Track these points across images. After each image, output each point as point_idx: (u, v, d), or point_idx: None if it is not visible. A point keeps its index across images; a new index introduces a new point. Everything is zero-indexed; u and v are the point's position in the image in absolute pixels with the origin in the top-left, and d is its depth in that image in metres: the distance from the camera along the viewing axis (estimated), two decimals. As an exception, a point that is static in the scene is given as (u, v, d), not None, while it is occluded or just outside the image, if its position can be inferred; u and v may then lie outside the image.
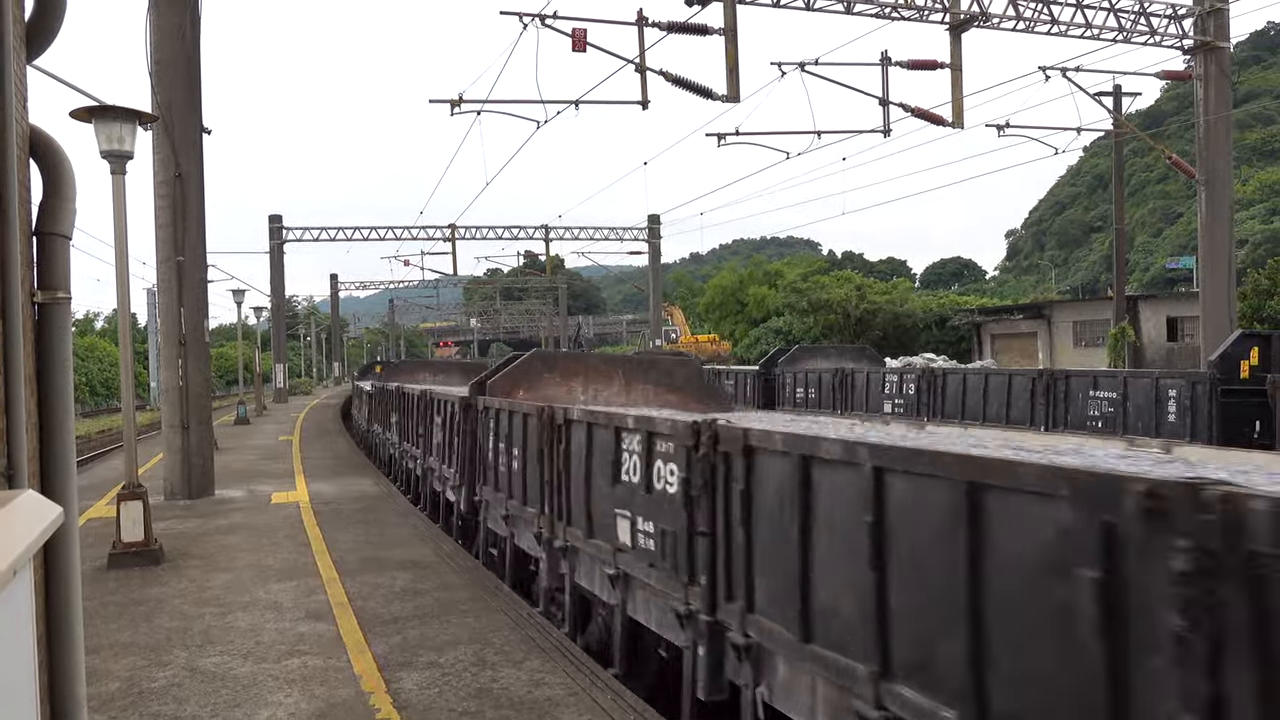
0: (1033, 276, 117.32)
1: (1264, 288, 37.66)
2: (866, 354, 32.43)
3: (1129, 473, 3.05)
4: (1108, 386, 18.01)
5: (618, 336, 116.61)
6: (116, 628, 7.98)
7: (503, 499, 10.38)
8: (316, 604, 8.60)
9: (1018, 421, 19.87)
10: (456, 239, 52.13)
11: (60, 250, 3.08)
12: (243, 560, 10.58)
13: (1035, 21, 23.24)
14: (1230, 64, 26.47)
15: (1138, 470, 3.19)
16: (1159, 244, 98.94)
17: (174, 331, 15.19)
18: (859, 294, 59.74)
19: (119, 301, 10.99)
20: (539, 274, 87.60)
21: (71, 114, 9.67)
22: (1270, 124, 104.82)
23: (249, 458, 21.68)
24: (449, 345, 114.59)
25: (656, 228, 59.14)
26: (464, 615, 8.15)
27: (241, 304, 39.21)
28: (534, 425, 9.06)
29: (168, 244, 15.16)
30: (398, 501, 15.22)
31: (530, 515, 9.24)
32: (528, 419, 9.34)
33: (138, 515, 10.46)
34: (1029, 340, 52.52)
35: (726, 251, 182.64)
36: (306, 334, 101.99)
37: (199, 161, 15.54)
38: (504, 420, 10.35)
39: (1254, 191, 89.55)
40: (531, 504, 9.24)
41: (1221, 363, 16.25)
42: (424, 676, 6.61)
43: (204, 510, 14.18)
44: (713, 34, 19.83)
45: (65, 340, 3.04)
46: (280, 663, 6.96)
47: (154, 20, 14.94)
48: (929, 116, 22.63)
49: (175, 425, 15.17)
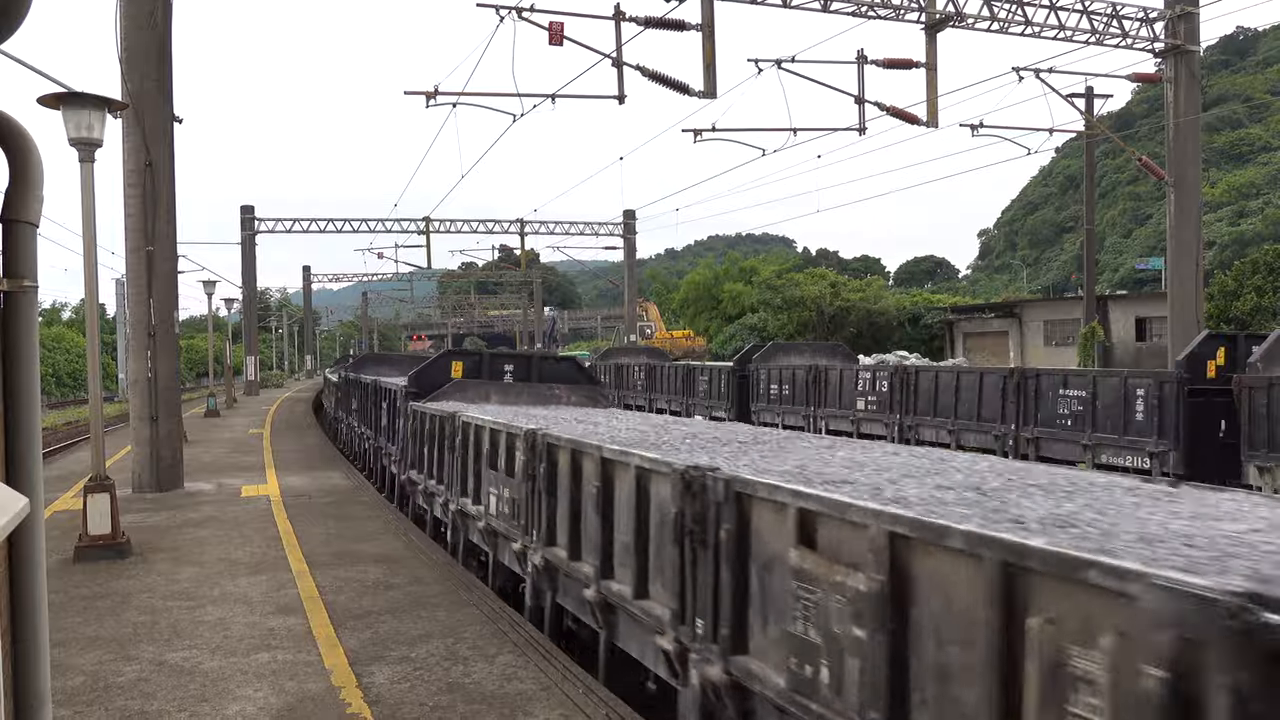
0: (1005, 276, 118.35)
1: (1230, 289, 38.28)
2: (840, 351, 32.57)
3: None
4: (1077, 385, 18.21)
5: (592, 331, 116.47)
6: (82, 621, 7.88)
7: (423, 478, 12.89)
8: (287, 598, 8.54)
9: (989, 419, 20.05)
10: (431, 232, 51.85)
11: (26, 238, 3.02)
12: (212, 554, 10.48)
13: (1009, 22, 23.41)
14: (1200, 68, 26.79)
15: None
16: (1129, 245, 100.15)
17: (143, 322, 15.00)
18: (833, 291, 60.00)
19: (87, 291, 10.84)
20: (514, 268, 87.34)
21: (39, 100, 9.51)
22: (1238, 127, 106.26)
23: (218, 450, 21.47)
24: (422, 339, 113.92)
25: (632, 223, 59.08)
26: (435, 609, 8.12)
27: (212, 295, 38.83)
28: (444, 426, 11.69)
29: (137, 234, 14.96)
30: (368, 494, 15.13)
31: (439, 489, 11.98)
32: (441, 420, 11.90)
33: (105, 508, 10.33)
34: (1000, 339, 52.99)
35: (702, 247, 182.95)
36: (279, 326, 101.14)
37: (170, 150, 15.35)
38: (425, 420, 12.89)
39: (1222, 194, 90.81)
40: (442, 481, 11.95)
41: (1189, 363, 16.46)
42: (395, 671, 6.58)
43: (173, 503, 14.03)
44: (690, 29, 19.82)
45: (31, 330, 2.99)
46: (250, 657, 6.91)
47: (124, 6, 14.72)
48: (904, 115, 22.76)
49: (144, 417, 14.99)
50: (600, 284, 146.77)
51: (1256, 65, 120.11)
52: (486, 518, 9.52)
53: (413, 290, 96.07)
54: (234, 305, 49.77)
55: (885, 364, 30.35)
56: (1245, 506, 4.05)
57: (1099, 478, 5.10)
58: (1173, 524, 3.56)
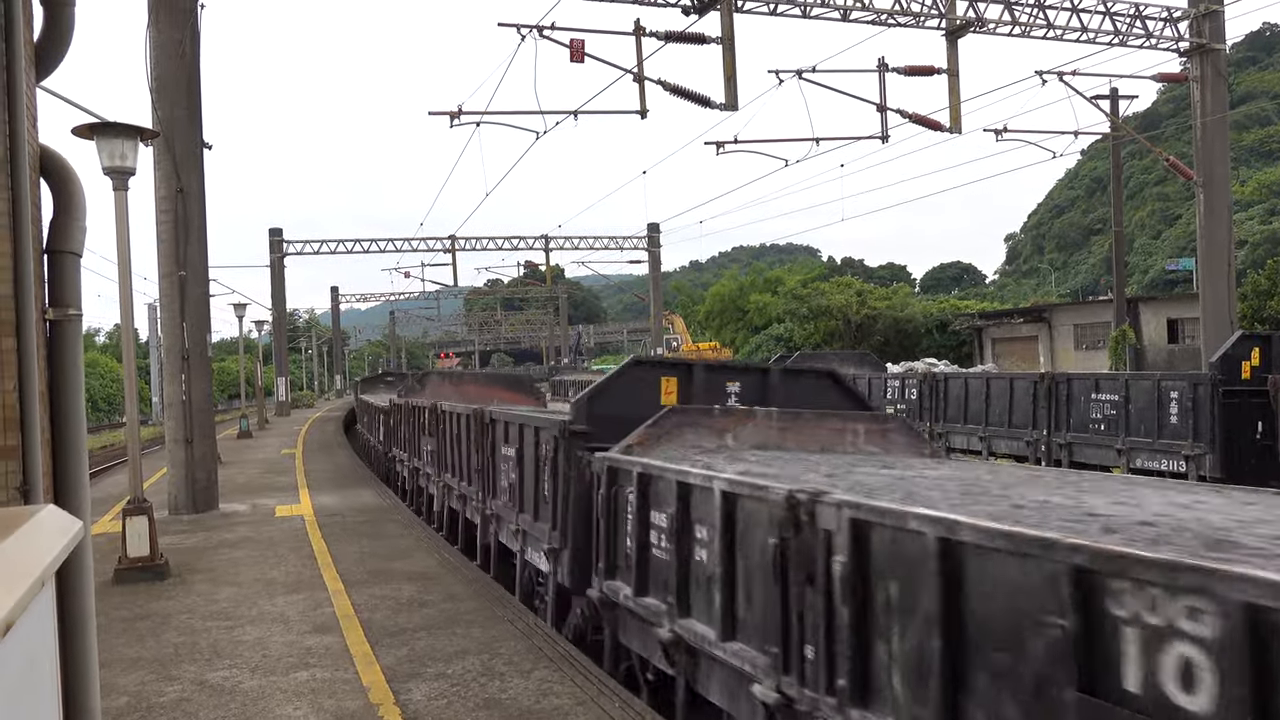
0: (1033, 280, 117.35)
1: (1264, 288, 37.70)
2: (868, 359, 32.46)
3: None
4: (1110, 389, 18.02)
5: (618, 345, 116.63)
6: (124, 642, 7.99)
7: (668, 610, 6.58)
8: (323, 616, 8.61)
9: (1020, 425, 19.88)
10: (456, 250, 52.26)
11: (71, 268, 3.10)
12: (248, 574, 10.59)
13: (1031, 26, 23.32)
14: (1226, 65, 26.53)
15: None
16: (1158, 246, 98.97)
17: (177, 346, 15.22)
18: (859, 300, 59.76)
19: (123, 317, 11.03)
20: (539, 284, 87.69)
21: (73, 131, 9.70)
22: (1268, 124, 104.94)
23: (252, 471, 21.69)
24: (450, 356, 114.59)
25: (656, 236, 59.24)
26: (470, 625, 8.16)
27: (243, 317, 39.30)
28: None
29: (169, 259, 15.20)
30: (401, 512, 15.23)
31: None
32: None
33: (143, 530, 10.48)
34: (1030, 344, 52.52)
35: (726, 259, 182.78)
36: (308, 347, 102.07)
37: (200, 176, 15.59)
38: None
39: (1252, 192, 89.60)
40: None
41: (1223, 364, 16.26)
42: (432, 688, 6.62)
43: (209, 524, 14.19)
44: (710, 43, 19.91)
45: (77, 357, 3.06)
46: (289, 675, 6.98)
47: (154, 37, 15.01)
48: (927, 122, 22.70)
49: (179, 440, 15.19)
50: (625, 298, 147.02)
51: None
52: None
53: (440, 309, 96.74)
54: (264, 327, 50.30)
55: (914, 371, 30.17)
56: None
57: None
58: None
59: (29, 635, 1.51)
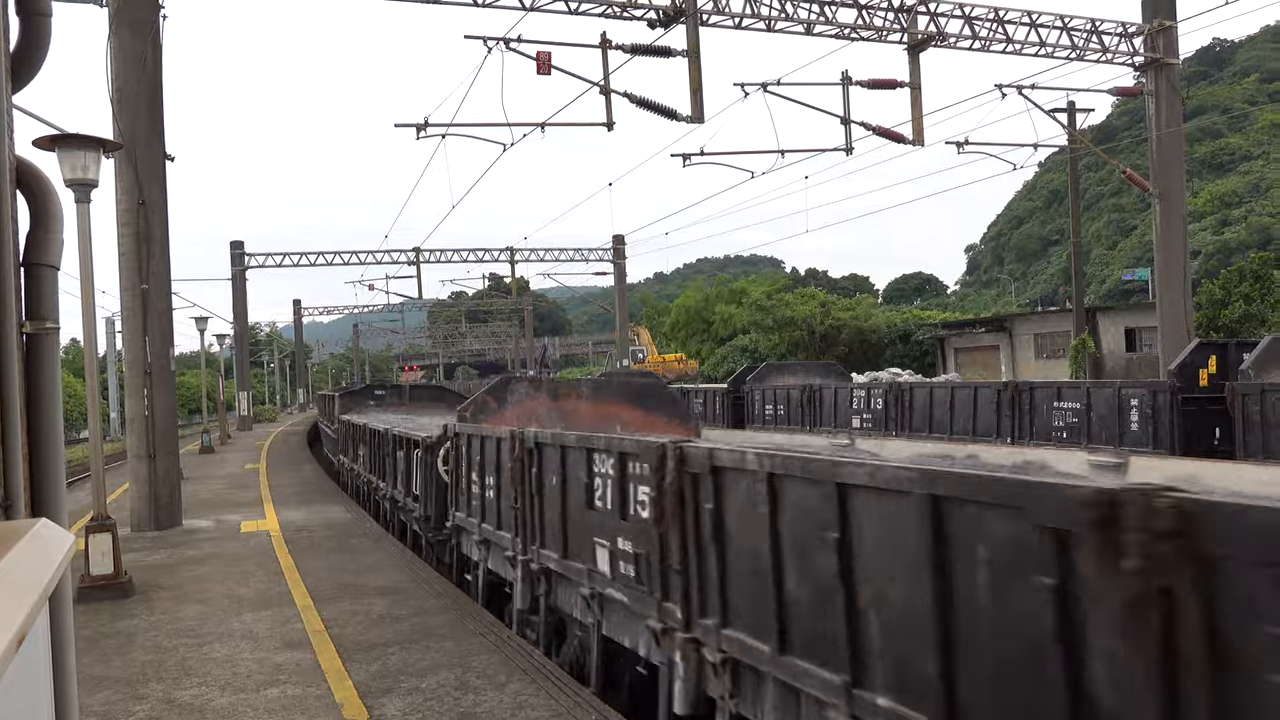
0: (993, 290, 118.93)
1: (1218, 297, 38.51)
2: (834, 370, 32.67)
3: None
4: (1071, 397, 18.31)
5: (584, 358, 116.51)
6: (89, 661, 7.84)
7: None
8: (293, 632, 8.52)
9: (984, 433, 20.12)
10: (421, 262, 51.96)
11: (48, 280, 3.08)
12: (215, 590, 10.45)
13: (991, 41, 23.71)
14: (1179, 80, 27.13)
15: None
16: (1115, 256, 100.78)
17: (139, 360, 15.00)
18: (823, 311, 60.18)
19: (85, 332, 10.85)
20: (504, 296, 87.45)
21: (35, 143, 9.56)
22: (1218, 137, 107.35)
23: (216, 487, 21.40)
24: (414, 369, 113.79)
25: (621, 248, 59.29)
26: (443, 639, 8.11)
27: (204, 331, 38.78)
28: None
29: (132, 272, 14.99)
30: (369, 526, 15.10)
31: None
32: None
33: (107, 548, 10.30)
34: (991, 353, 53.16)
35: (691, 270, 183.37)
36: (270, 360, 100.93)
37: (163, 188, 15.42)
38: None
39: (1205, 204, 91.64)
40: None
41: (1181, 372, 16.59)
42: (406, 703, 6.57)
43: (173, 541, 13.98)
44: (676, 56, 20.02)
45: (54, 370, 3.04)
46: (259, 692, 6.89)
47: (115, 47, 14.84)
48: (890, 134, 22.98)
49: (141, 455, 14.96)
50: (591, 309, 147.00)
51: (1234, 76, 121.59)
52: None
53: (404, 320, 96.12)
54: (225, 340, 49.69)
55: (879, 381, 30.45)
56: None
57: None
58: None
59: (33, 649, 1.50)
